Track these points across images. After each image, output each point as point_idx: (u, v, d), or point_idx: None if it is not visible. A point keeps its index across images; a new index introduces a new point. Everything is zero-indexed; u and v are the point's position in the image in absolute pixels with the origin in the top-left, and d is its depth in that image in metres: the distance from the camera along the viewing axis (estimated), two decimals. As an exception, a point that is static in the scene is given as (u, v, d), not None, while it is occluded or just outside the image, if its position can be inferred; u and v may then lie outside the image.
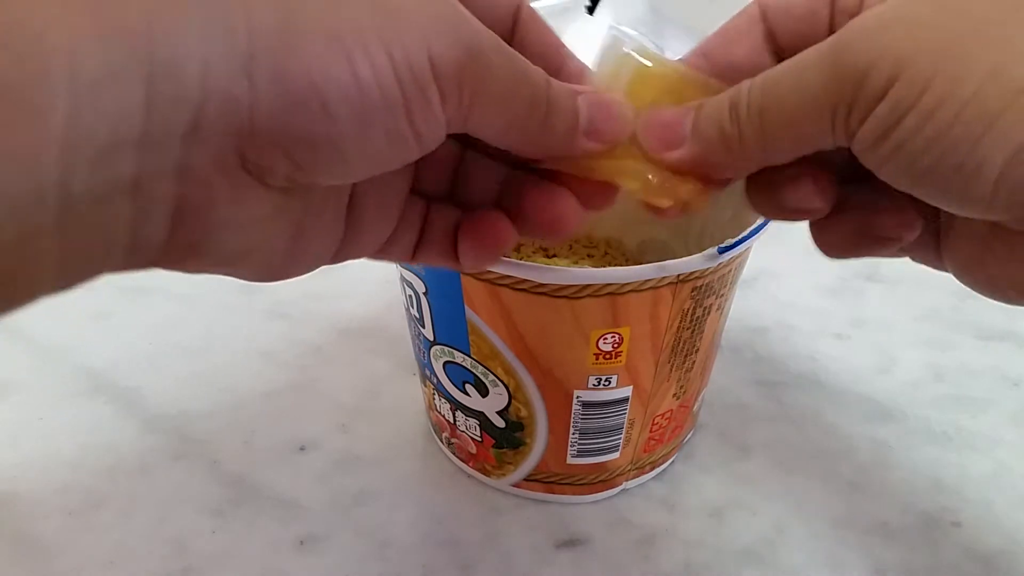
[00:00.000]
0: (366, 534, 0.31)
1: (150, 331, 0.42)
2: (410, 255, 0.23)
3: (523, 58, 0.19)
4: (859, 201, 0.21)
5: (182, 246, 0.16)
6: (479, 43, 0.18)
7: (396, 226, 0.22)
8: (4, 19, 0.13)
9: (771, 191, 0.21)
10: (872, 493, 0.34)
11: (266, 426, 0.36)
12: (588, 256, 0.39)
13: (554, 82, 0.20)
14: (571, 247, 0.39)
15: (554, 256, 0.39)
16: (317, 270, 0.21)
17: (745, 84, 0.20)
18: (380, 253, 0.22)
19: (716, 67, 0.22)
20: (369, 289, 0.45)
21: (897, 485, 0.34)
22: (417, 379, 0.37)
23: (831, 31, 0.20)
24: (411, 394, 0.38)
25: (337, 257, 0.21)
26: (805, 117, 0.19)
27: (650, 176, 0.21)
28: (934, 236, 0.22)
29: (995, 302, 0.20)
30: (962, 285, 0.21)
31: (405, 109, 0.16)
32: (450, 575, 0.30)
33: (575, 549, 0.31)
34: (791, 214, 0.21)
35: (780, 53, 0.22)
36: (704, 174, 0.21)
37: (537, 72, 0.19)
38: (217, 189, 0.16)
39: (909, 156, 0.17)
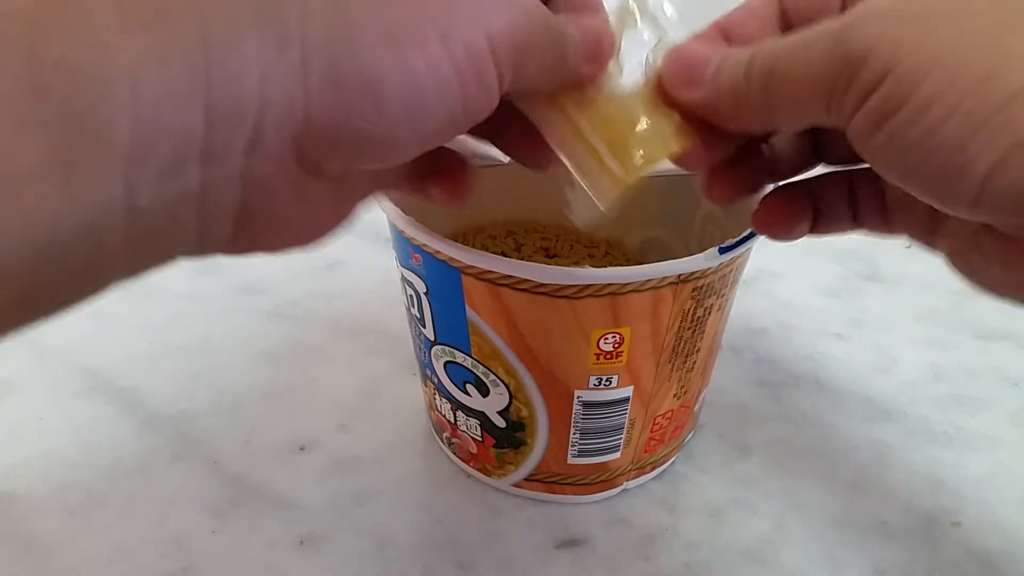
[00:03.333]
0: (366, 534, 0.31)
1: (150, 331, 0.42)
2: (403, 185, 0.24)
3: (556, 19, 0.19)
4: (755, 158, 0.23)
5: (247, 238, 0.17)
6: (531, 18, 0.18)
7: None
8: (66, 38, 0.13)
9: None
10: (872, 493, 0.34)
11: (266, 426, 0.36)
12: (589, 256, 0.39)
13: (572, 27, 0.20)
14: (572, 247, 0.40)
15: (555, 256, 0.39)
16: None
17: (767, 43, 0.20)
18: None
19: (730, 42, 0.22)
20: (369, 289, 0.45)
21: (897, 485, 0.34)
22: (417, 379, 0.37)
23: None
24: (411, 394, 0.38)
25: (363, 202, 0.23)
26: (804, 90, 0.19)
27: (655, 121, 0.21)
28: (931, 220, 0.22)
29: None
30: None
31: (462, 95, 0.17)
32: (450, 575, 0.30)
33: (575, 549, 0.31)
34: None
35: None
36: (708, 130, 0.22)
37: (568, 28, 0.20)
38: (278, 189, 0.16)
39: (898, 151, 0.17)
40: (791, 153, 0.24)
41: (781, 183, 0.24)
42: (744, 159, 0.23)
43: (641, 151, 0.21)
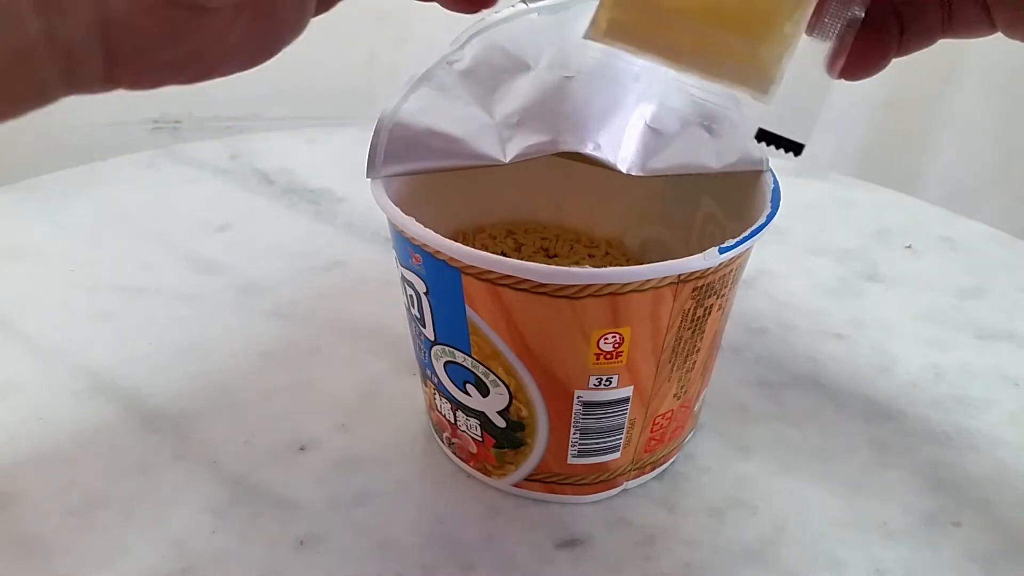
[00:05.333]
0: (366, 534, 0.31)
1: (150, 331, 0.42)
2: None
3: None
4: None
5: (136, 72, 0.19)
6: None
7: None
8: None
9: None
10: (872, 493, 0.34)
11: (266, 426, 0.36)
12: (589, 256, 0.39)
13: None
14: (572, 247, 0.40)
15: (555, 256, 0.39)
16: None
17: None
18: None
19: None
20: (369, 289, 0.45)
21: (897, 485, 0.34)
22: (417, 379, 0.37)
23: None
24: (411, 394, 0.38)
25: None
26: None
27: None
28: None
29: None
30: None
31: None
32: (450, 575, 0.30)
33: (575, 549, 0.31)
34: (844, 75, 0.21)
35: None
36: None
37: None
38: (146, 28, 0.18)
39: None
40: None
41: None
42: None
43: None
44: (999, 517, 0.33)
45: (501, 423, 0.31)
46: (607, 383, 0.29)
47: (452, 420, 0.32)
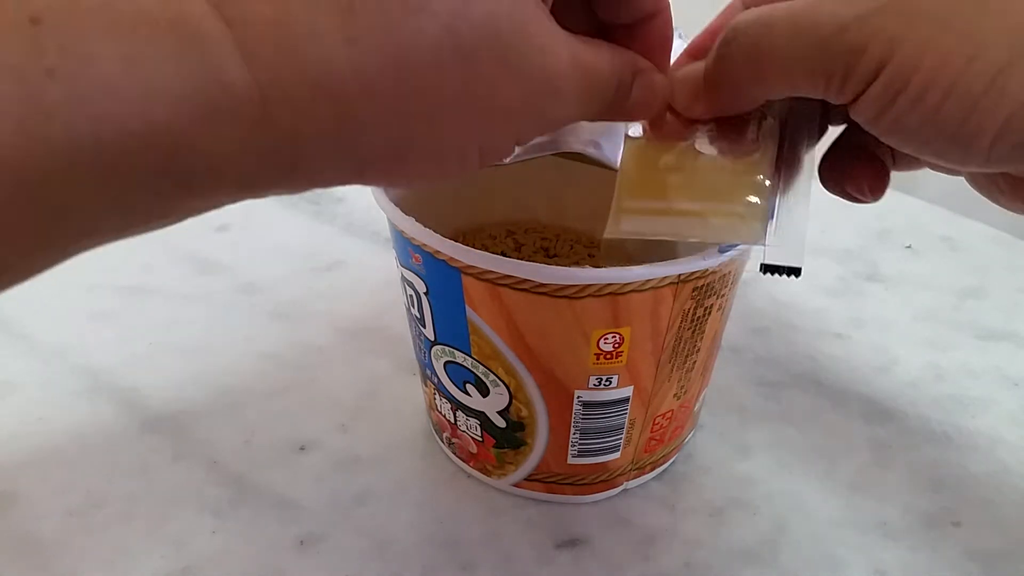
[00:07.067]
0: (366, 534, 0.31)
1: (150, 331, 0.42)
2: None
3: (602, 71, 0.21)
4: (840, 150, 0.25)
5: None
6: (564, 115, 0.20)
7: None
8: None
9: (838, 178, 0.25)
10: (872, 493, 0.34)
11: (266, 426, 0.36)
12: (589, 256, 0.39)
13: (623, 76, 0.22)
14: (572, 247, 0.39)
15: (555, 256, 0.39)
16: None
17: (743, 17, 0.21)
18: None
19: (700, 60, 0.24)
20: (369, 289, 0.45)
21: (897, 485, 0.34)
22: (417, 379, 0.37)
23: None
24: (411, 394, 0.38)
25: None
26: (798, 71, 0.21)
27: None
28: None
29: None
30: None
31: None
32: (450, 575, 0.30)
33: (575, 549, 0.31)
34: (848, 198, 0.25)
35: None
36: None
37: (610, 84, 0.21)
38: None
39: (905, 131, 0.20)
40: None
41: (832, 152, 0.26)
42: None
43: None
44: (999, 517, 0.33)
45: (501, 423, 0.31)
46: (607, 383, 0.29)
47: (452, 420, 0.32)
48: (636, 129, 0.26)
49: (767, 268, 0.23)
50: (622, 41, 0.22)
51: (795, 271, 0.23)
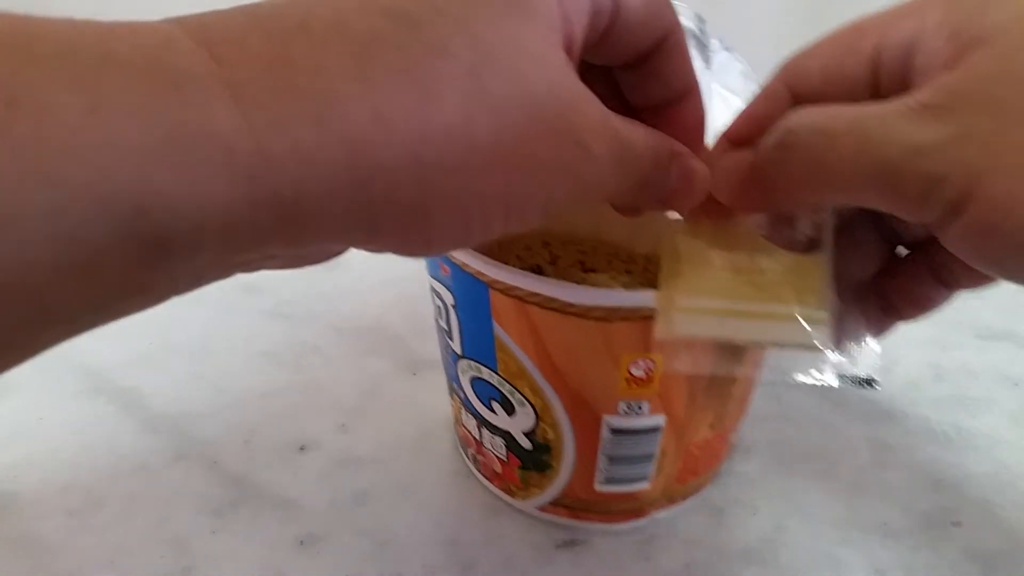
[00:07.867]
0: (366, 534, 0.31)
1: (150, 331, 0.42)
2: None
3: (632, 152, 0.19)
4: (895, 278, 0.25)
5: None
6: (597, 181, 0.18)
7: None
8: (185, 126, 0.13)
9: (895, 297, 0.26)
10: (872, 493, 0.34)
11: (266, 426, 0.36)
12: (627, 272, 0.36)
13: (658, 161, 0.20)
14: (610, 262, 0.37)
15: (592, 270, 0.36)
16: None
17: (800, 120, 0.20)
18: None
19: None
20: (369, 289, 0.45)
21: (897, 485, 0.34)
22: (417, 379, 0.37)
23: (874, 84, 0.20)
24: (411, 394, 0.38)
25: None
26: (863, 186, 0.19)
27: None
28: None
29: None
30: None
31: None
32: (450, 575, 0.30)
33: (575, 549, 0.31)
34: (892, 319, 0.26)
35: None
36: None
37: (644, 158, 0.20)
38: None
39: (1000, 261, 0.19)
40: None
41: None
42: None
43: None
44: (999, 517, 0.33)
45: (527, 444, 0.30)
46: (637, 410, 0.27)
47: (477, 437, 0.32)
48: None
49: (845, 380, 0.22)
50: (654, 125, 0.21)
51: (873, 382, 0.22)
